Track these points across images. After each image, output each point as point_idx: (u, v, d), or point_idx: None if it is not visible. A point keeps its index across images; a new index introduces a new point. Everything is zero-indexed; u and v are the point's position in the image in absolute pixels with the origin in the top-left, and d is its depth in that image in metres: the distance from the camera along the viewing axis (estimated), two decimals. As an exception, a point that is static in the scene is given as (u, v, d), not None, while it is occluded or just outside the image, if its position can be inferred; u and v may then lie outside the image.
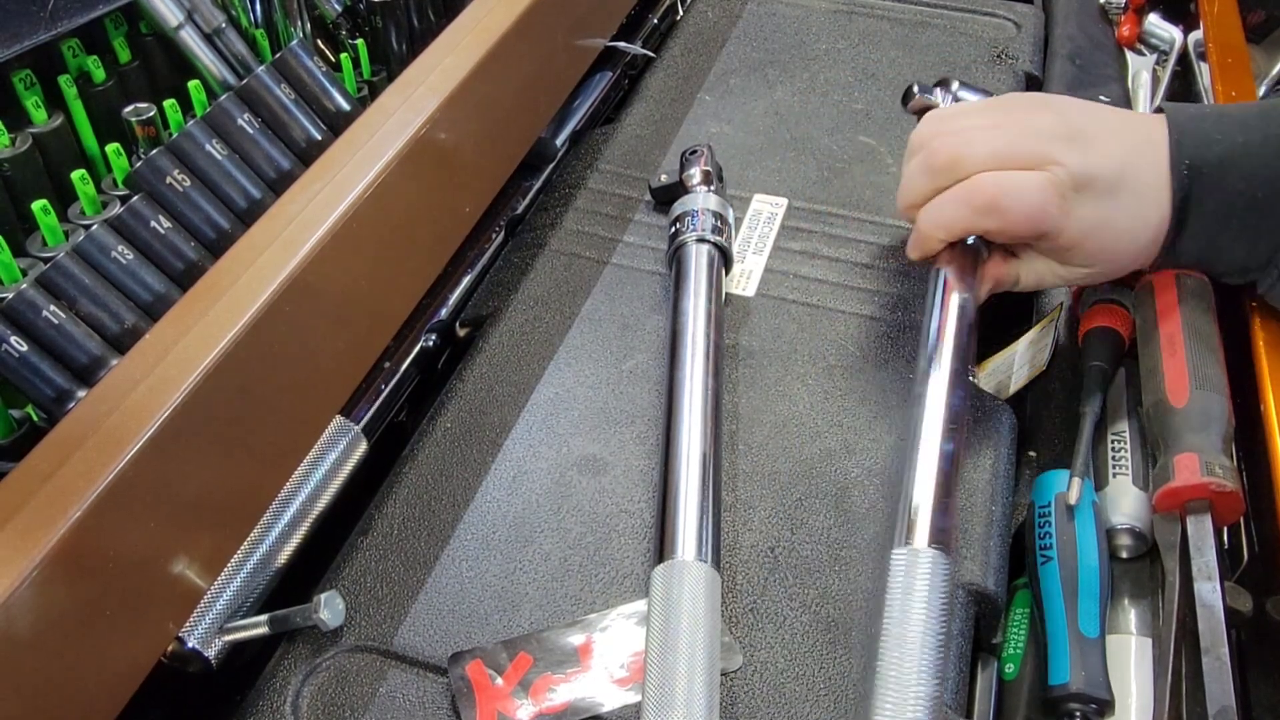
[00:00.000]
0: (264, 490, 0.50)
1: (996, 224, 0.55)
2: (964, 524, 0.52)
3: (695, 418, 0.53)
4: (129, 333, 0.50)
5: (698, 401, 0.54)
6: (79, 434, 0.41)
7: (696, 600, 0.45)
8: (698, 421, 0.53)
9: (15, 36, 0.58)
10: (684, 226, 0.64)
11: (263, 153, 0.59)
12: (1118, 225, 0.55)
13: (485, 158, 0.66)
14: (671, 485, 0.50)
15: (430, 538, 0.52)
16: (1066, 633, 0.50)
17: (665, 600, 0.45)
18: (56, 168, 0.61)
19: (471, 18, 0.65)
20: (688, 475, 0.50)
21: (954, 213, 0.56)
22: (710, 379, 0.55)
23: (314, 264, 0.49)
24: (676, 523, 0.48)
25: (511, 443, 0.56)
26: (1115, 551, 0.55)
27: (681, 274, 0.61)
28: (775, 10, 0.90)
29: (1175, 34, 0.94)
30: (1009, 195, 0.54)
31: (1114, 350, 0.61)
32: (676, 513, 0.49)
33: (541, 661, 0.47)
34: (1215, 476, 0.50)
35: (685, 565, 0.46)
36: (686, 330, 0.57)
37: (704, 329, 0.57)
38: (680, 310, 0.59)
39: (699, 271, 0.61)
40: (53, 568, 0.37)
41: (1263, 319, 0.57)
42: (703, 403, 0.54)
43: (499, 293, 0.66)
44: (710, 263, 0.62)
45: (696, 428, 0.52)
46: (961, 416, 0.52)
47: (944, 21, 0.88)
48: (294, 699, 0.46)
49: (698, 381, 0.55)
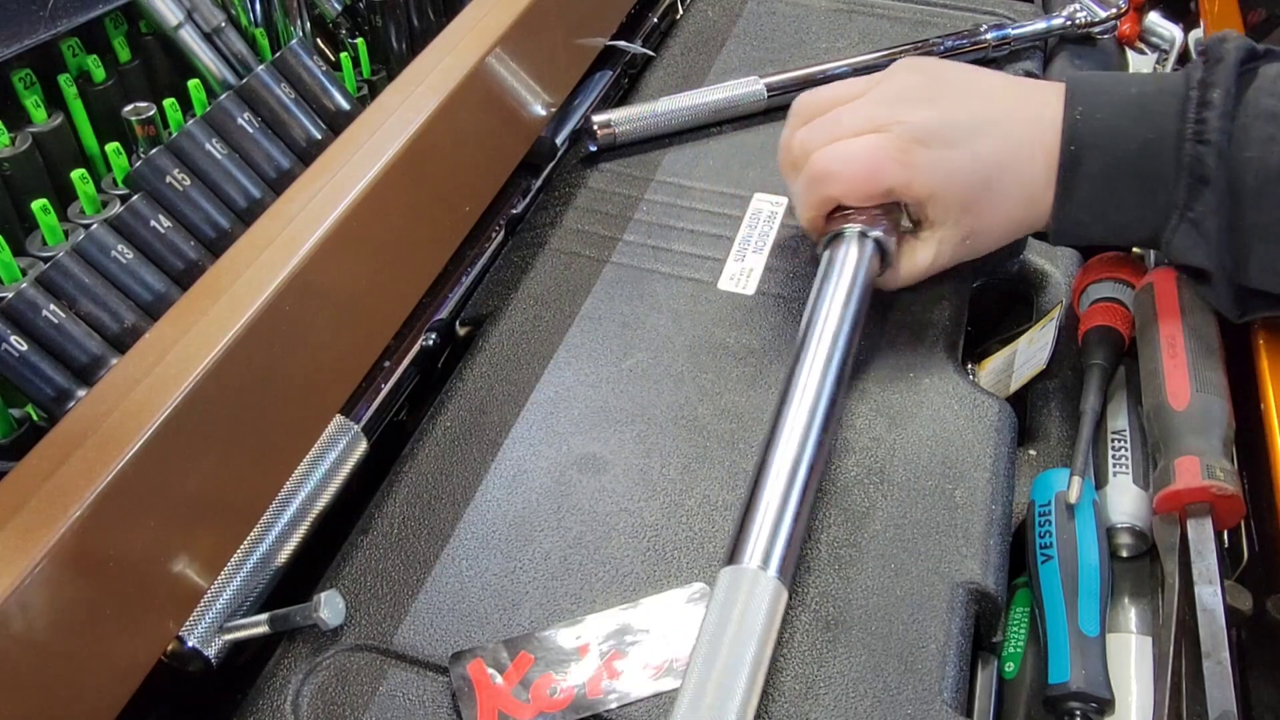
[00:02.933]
0: (264, 489, 0.50)
1: (839, 188, 0.58)
2: (964, 523, 0.52)
3: (799, 425, 0.50)
4: (129, 332, 0.50)
5: (806, 408, 0.50)
6: (79, 433, 0.41)
7: (757, 614, 0.43)
8: (799, 429, 0.50)
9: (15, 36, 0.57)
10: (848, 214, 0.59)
11: (263, 152, 0.59)
12: (976, 176, 0.57)
13: (485, 157, 0.66)
14: (760, 488, 0.48)
15: (430, 537, 0.52)
16: (1066, 631, 0.51)
17: (725, 605, 0.44)
18: (56, 167, 0.61)
19: (471, 17, 0.65)
20: (779, 481, 0.48)
21: (803, 191, 0.60)
22: (832, 387, 0.52)
23: (314, 263, 0.49)
24: (753, 528, 0.46)
25: (511, 442, 0.56)
26: (1115, 550, 0.55)
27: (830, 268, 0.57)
28: (775, 9, 0.90)
29: (1175, 33, 0.94)
30: (840, 160, 0.57)
31: (1114, 349, 0.61)
32: (756, 518, 0.46)
33: (543, 660, 0.47)
34: (1216, 479, 0.50)
35: (755, 576, 0.44)
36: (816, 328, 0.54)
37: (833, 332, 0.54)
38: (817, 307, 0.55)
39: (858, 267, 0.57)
40: (53, 568, 0.37)
41: (1263, 320, 0.57)
42: (811, 409, 0.50)
43: (499, 292, 0.66)
44: (868, 262, 0.58)
45: (797, 435, 0.49)
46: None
47: (944, 21, 0.88)
48: (294, 698, 0.46)
49: (811, 388, 0.51)
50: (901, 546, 0.51)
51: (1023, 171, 0.57)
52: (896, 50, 0.80)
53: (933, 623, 0.48)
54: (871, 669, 0.47)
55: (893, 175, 0.56)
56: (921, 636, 0.48)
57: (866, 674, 0.46)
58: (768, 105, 0.77)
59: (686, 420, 0.57)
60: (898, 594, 0.49)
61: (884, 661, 0.47)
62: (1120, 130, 0.55)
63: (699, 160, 0.74)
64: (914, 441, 0.56)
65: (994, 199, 0.58)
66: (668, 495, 0.54)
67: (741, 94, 0.77)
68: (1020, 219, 0.59)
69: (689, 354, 0.61)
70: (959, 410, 0.57)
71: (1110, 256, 0.65)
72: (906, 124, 0.56)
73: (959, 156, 0.57)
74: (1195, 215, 0.53)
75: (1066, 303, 0.66)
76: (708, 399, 0.58)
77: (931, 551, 0.51)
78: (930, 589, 0.49)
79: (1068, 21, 0.85)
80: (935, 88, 0.59)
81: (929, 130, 0.56)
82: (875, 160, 0.56)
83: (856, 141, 0.57)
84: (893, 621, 0.48)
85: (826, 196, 0.59)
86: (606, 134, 0.74)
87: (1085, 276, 0.65)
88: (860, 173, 0.57)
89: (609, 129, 0.74)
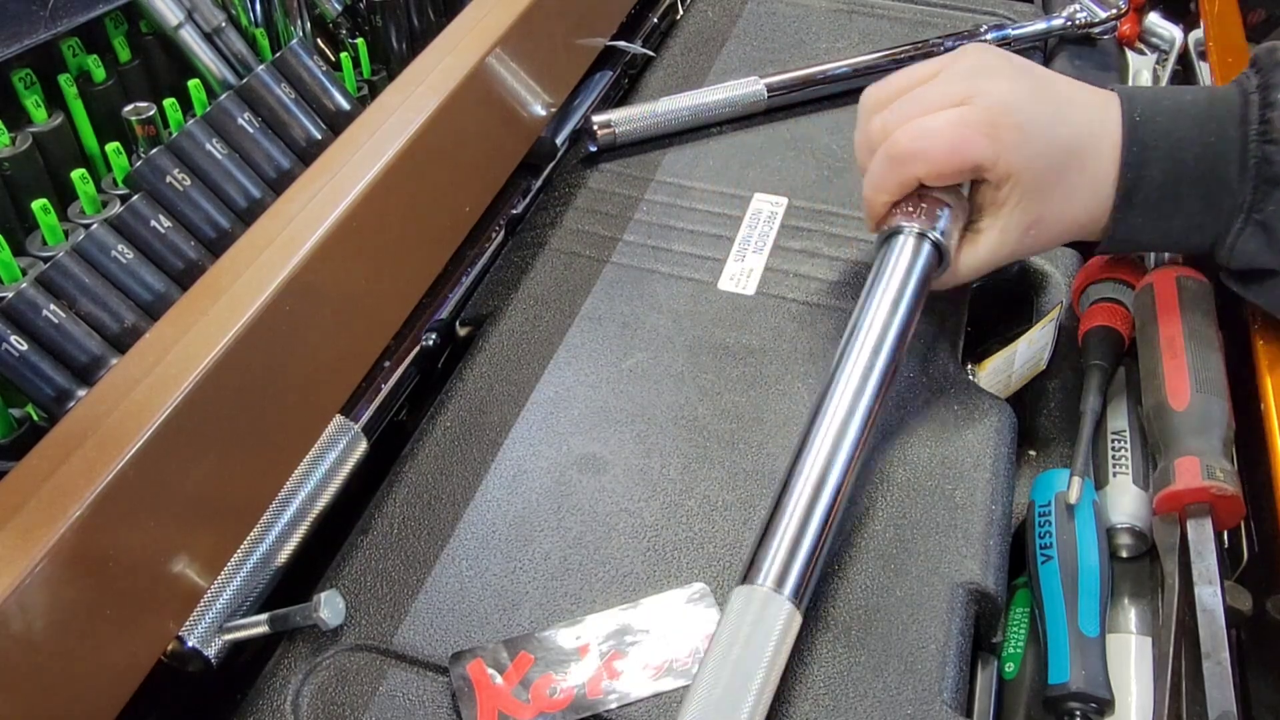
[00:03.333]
0: (264, 489, 0.50)
1: (923, 167, 0.55)
2: (964, 523, 0.52)
3: (828, 442, 0.48)
4: (129, 332, 0.50)
5: (839, 420, 0.49)
6: (79, 433, 0.41)
7: (767, 638, 0.42)
8: (828, 446, 0.48)
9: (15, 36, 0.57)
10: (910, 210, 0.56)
11: (263, 152, 0.59)
12: (1054, 160, 0.55)
13: (485, 157, 0.66)
14: (783, 503, 0.47)
15: (430, 537, 0.52)
16: (1066, 632, 0.51)
17: (735, 625, 0.43)
18: (56, 167, 0.61)
19: (471, 17, 0.65)
20: (802, 498, 0.47)
21: (882, 170, 0.56)
22: (870, 400, 0.50)
23: (314, 263, 0.49)
24: (772, 547, 0.45)
25: (511, 442, 0.56)
26: (1115, 551, 0.55)
27: (883, 268, 0.55)
28: (775, 9, 0.90)
29: (1175, 33, 0.94)
30: (924, 136, 0.54)
31: (1114, 349, 0.61)
32: (776, 536, 0.45)
33: (543, 660, 0.47)
34: (1216, 480, 0.50)
35: (767, 598, 0.43)
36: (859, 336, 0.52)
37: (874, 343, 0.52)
38: (863, 313, 0.54)
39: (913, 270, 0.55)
40: (52, 567, 0.37)
41: (1263, 321, 0.57)
42: (843, 424, 0.49)
43: (499, 292, 0.66)
44: (925, 266, 0.55)
45: (824, 453, 0.48)
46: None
47: (944, 21, 0.88)
48: (294, 698, 0.46)
49: (847, 399, 0.50)
50: (901, 547, 0.51)
51: (1089, 165, 0.55)
52: (896, 50, 0.80)
53: (933, 623, 0.48)
54: (871, 669, 0.47)
55: (980, 150, 0.53)
56: (921, 637, 0.48)
57: (866, 674, 0.46)
58: (768, 105, 0.77)
59: (686, 420, 0.57)
60: (898, 594, 0.49)
61: (884, 662, 0.47)
62: (1180, 134, 0.54)
63: (699, 160, 0.74)
64: (914, 441, 0.56)
65: (1064, 188, 0.55)
66: (668, 495, 0.54)
67: (741, 94, 0.77)
68: (1081, 215, 0.56)
69: (689, 354, 0.61)
70: (959, 410, 0.57)
71: (1111, 256, 0.65)
72: (989, 95, 0.54)
73: (1040, 136, 0.54)
74: (1264, 216, 0.53)
75: (1066, 303, 0.66)
76: (708, 399, 0.58)
77: (931, 552, 0.51)
78: (930, 589, 0.49)
79: (1067, 22, 0.85)
80: (1010, 65, 0.56)
81: (1012, 104, 0.54)
82: (961, 135, 0.54)
83: (939, 116, 0.54)
84: (892, 622, 0.48)
85: (909, 177, 0.55)
86: (606, 134, 0.74)
87: (1085, 277, 0.65)
88: (945, 148, 0.54)
89: (609, 129, 0.74)
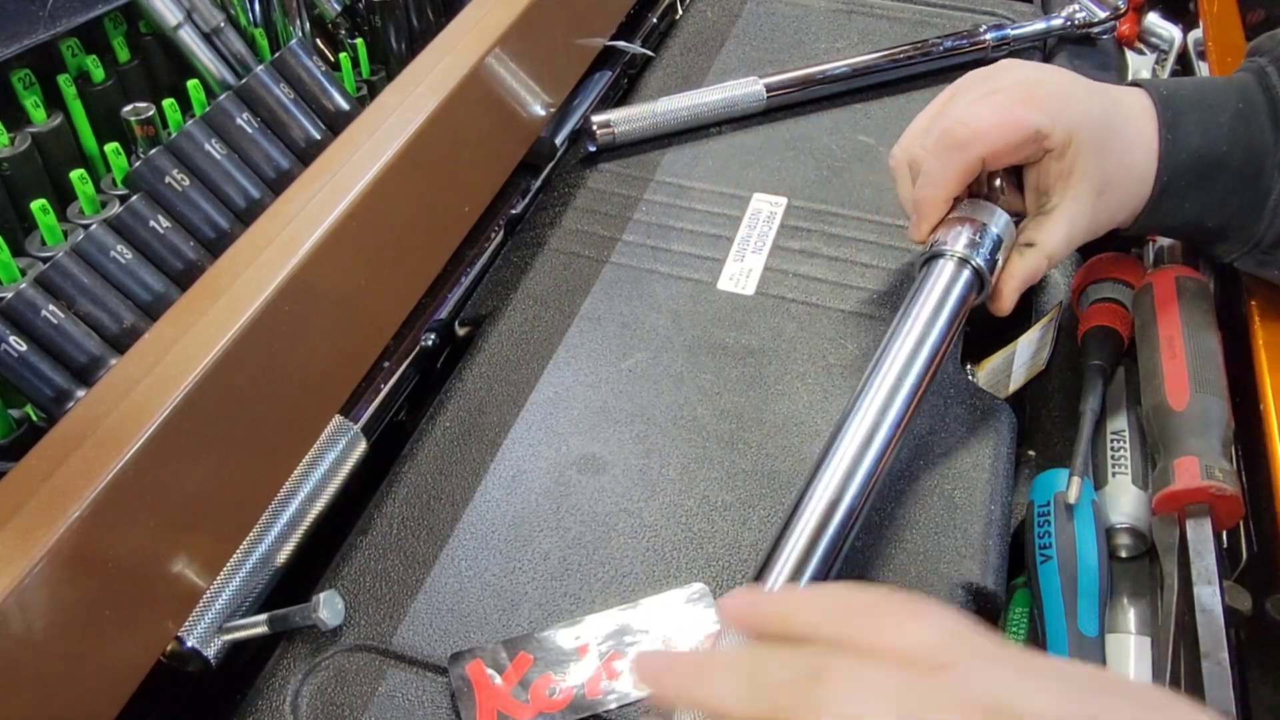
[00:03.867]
0: (263, 490, 0.50)
1: (983, 146, 0.54)
2: (963, 523, 0.52)
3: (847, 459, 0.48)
4: (128, 332, 0.50)
5: (857, 443, 0.49)
6: (78, 434, 0.41)
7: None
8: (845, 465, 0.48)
9: (15, 36, 0.57)
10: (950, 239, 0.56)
11: (262, 152, 0.59)
12: (1102, 118, 0.55)
13: (484, 157, 0.66)
14: (798, 517, 0.47)
15: (430, 537, 0.52)
16: (1066, 632, 0.51)
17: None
18: (55, 167, 0.61)
19: (471, 17, 0.65)
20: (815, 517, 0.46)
21: (943, 164, 0.55)
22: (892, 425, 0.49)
23: (313, 263, 0.49)
24: (783, 553, 0.45)
25: (511, 442, 0.56)
26: (1115, 551, 0.55)
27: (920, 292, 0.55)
28: (774, 9, 0.90)
29: (1175, 33, 0.94)
30: (974, 118, 0.54)
31: (1113, 349, 0.61)
32: (788, 543, 0.46)
33: (542, 661, 0.47)
34: (1215, 480, 0.50)
35: None
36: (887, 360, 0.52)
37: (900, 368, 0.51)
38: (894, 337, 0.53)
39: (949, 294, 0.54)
40: (52, 568, 0.37)
41: (1262, 321, 0.57)
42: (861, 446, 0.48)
43: (498, 292, 0.66)
44: (962, 293, 0.55)
45: (842, 471, 0.48)
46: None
47: (943, 21, 0.88)
48: (293, 698, 0.46)
49: (871, 416, 0.49)
50: (901, 547, 0.51)
51: (1132, 123, 0.56)
52: (896, 50, 0.80)
53: (932, 623, 0.48)
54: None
55: (1032, 116, 0.54)
56: (921, 637, 0.47)
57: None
58: (767, 106, 0.77)
59: (686, 420, 0.57)
60: (897, 594, 0.49)
61: (883, 662, 0.47)
62: (1210, 100, 0.56)
63: (699, 160, 0.74)
64: (914, 441, 0.56)
65: (1119, 145, 0.56)
66: (667, 495, 0.54)
67: (741, 94, 0.77)
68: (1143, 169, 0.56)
69: (688, 354, 0.61)
70: (958, 410, 0.57)
71: (1110, 257, 0.65)
72: (1016, 77, 0.56)
73: (1078, 97, 0.56)
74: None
75: (1066, 303, 0.66)
76: (707, 399, 0.58)
77: (931, 551, 0.51)
78: (929, 589, 0.49)
79: (1067, 22, 0.85)
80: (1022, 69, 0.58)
81: (1040, 79, 0.56)
82: (1008, 109, 0.54)
83: (980, 102, 0.56)
84: (892, 622, 0.48)
85: (972, 159, 0.55)
86: (606, 134, 0.74)
87: (1085, 276, 0.65)
88: (1000, 120, 0.54)
89: (608, 129, 0.74)
